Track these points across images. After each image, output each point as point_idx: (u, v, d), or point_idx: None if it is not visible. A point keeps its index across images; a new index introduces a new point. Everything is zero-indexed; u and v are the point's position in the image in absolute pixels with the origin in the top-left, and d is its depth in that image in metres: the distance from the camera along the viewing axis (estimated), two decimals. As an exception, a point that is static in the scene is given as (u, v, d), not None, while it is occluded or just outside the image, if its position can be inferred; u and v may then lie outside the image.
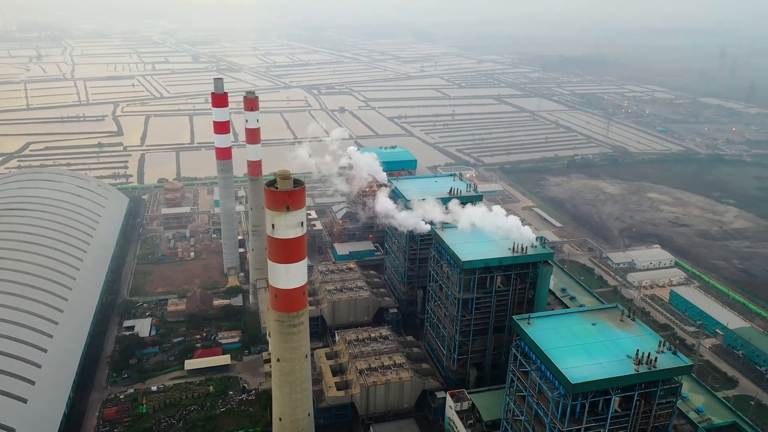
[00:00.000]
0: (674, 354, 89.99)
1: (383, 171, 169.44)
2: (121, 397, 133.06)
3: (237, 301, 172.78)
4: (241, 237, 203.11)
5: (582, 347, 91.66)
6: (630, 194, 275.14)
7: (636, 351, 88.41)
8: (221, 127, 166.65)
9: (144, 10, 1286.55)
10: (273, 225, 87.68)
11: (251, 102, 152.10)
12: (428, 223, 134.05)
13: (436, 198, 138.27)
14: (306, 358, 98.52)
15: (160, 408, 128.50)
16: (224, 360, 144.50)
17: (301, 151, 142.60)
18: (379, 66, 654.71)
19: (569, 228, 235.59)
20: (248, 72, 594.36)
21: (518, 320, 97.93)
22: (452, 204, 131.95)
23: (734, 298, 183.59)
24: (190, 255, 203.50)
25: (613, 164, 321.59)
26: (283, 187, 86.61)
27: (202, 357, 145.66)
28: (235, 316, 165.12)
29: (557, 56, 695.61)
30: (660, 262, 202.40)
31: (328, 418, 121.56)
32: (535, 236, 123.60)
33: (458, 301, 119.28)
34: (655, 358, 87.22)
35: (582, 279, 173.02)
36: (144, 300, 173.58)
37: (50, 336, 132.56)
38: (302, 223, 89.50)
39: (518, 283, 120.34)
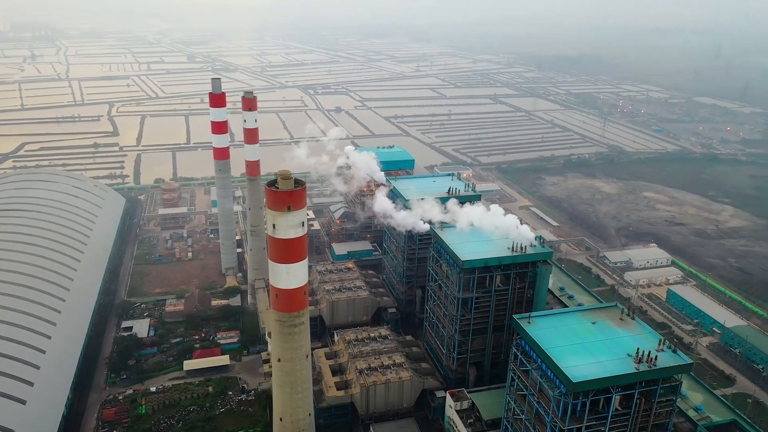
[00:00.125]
0: (674, 352, 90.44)
1: (381, 171, 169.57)
2: (120, 398, 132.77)
3: (235, 302, 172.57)
4: (239, 237, 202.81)
5: (582, 346, 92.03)
6: (626, 193, 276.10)
7: (636, 349, 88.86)
8: (219, 127, 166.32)
9: (144, 11, 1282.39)
10: (274, 225, 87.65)
11: (250, 102, 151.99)
12: (427, 223, 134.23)
13: (435, 198, 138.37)
14: (307, 358, 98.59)
15: (160, 409, 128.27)
16: (223, 360, 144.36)
17: (300, 151, 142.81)
18: (375, 66, 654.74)
19: (566, 227, 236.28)
20: (244, 72, 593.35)
21: (519, 319, 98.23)
22: (451, 203, 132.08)
23: (731, 297, 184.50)
24: (188, 255, 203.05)
25: (609, 163, 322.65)
26: (284, 187, 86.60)
27: (201, 357, 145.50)
28: (234, 317, 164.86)
29: (552, 56, 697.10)
30: (657, 261, 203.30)
31: (328, 418, 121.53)
32: (534, 235, 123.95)
33: (458, 301, 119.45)
34: (656, 357, 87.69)
35: (579, 278, 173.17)
36: (142, 300, 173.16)
37: (48, 337, 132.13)
38: (303, 223, 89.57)
39: (517, 283, 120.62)
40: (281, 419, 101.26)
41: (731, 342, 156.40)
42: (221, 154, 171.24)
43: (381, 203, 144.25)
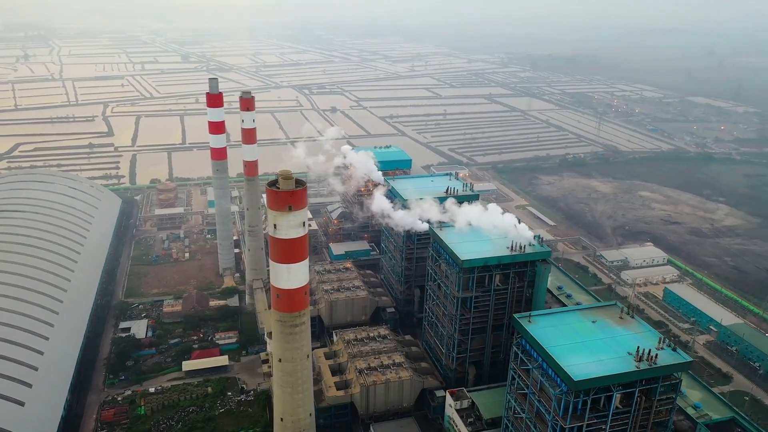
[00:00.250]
0: (674, 350, 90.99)
1: (379, 170, 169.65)
2: (119, 399, 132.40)
3: (233, 302, 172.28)
4: (236, 237, 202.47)
5: (583, 345, 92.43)
6: (622, 193, 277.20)
7: (636, 348, 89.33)
8: (216, 128, 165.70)
9: (137, 11, 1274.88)
10: (275, 225, 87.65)
11: (247, 102, 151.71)
12: (425, 223, 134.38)
13: (433, 197, 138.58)
14: (307, 358, 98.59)
15: (159, 410, 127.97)
16: (222, 361, 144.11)
17: (298, 151, 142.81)
18: (370, 66, 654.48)
19: (562, 226, 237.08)
20: (238, 72, 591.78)
21: (519, 318, 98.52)
22: (449, 203, 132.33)
23: (726, 295, 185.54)
24: (185, 256, 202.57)
25: (605, 163, 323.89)
26: (285, 187, 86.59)
27: (200, 358, 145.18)
28: (232, 317, 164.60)
29: (547, 56, 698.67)
30: (653, 260, 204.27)
31: (328, 418, 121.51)
32: (533, 234, 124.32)
33: (457, 300, 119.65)
34: (656, 355, 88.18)
35: (577, 277, 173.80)
36: (139, 301, 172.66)
37: (46, 338, 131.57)
38: (304, 223, 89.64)
39: (516, 282, 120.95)
40: (282, 419, 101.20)
41: (728, 340, 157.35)
42: (219, 154, 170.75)
43: (379, 203, 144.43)
